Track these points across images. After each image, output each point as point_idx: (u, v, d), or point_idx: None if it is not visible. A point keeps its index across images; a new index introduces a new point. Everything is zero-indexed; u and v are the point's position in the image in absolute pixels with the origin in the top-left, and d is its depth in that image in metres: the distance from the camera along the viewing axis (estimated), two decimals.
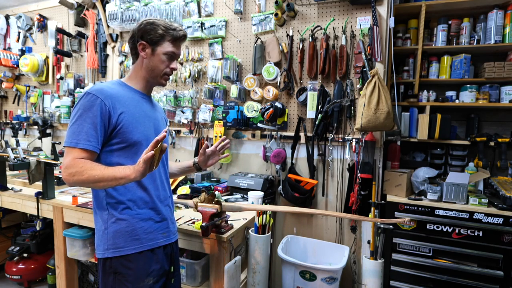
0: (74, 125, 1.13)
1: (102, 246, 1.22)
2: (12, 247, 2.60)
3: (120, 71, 2.93)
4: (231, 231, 1.66)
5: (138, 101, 1.29)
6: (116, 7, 2.69)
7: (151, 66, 1.27)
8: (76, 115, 1.14)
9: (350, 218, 2.17)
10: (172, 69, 1.31)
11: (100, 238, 1.23)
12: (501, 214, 1.86)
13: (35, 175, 2.03)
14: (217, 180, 2.46)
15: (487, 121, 2.39)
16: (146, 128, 1.27)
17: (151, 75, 1.29)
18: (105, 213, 1.22)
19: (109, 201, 1.22)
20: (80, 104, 1.15)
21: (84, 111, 1.13)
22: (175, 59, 1.33)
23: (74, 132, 1.12)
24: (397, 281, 2.08)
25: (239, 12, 2.38)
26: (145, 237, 1.24)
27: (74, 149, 1.12)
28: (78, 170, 1.08)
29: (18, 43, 3.45)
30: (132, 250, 1.21)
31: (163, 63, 1.28)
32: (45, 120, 3.10)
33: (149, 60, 1.27)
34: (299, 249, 2.22)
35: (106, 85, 1.21)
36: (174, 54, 1.30)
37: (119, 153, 1.20)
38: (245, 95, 2.44)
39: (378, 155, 2.11)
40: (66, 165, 1.10)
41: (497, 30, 2.15)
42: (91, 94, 1.14)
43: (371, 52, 1.98)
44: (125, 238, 1.21)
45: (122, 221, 1.21)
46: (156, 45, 1.26)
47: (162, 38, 1.26)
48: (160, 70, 1.29)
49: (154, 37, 1.25)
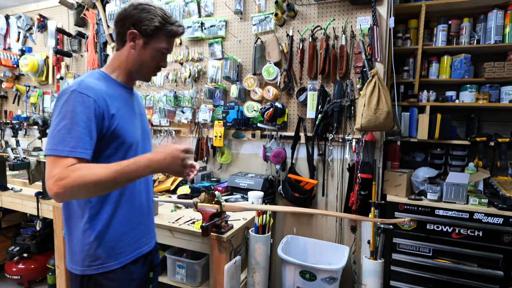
0: (63, 129, 0.94)
1: (81, 262, 1.06)
2: (12, 247, 2.60)
3: None
4: (231, 231, 1.66)
5: (126, 98, 1.15)
6: (116, 7, 2.69)
7: (140, 61, 1.11)
8: (65, 117, 0.94)
9: (350, 218, 2.17)
10: (161, 66, 1.17)
11: (76, 252, 1.07)
12: (501, 214, 1.86)
13: (35, 175, 2.04)
14: (217, 180, 2.46)
15: (487, 121, 2.39)
16: (136, 128, 1.16)
17: (137, 69, 1.13)
18: (84, 225, 1.06)
19: (90, 212, 1.06)
20: (67, 104, 0.96)
21: (74, 113, 0.95)
22: (166, 56, 1.17)
23: (63, 138, 0.93)
24: (397, 281, 2.08)
25: (239, 12, 2.38)
26: (128, 249, 1.13)
27: (65, 158, 0.92)
28: (78, 178, 0.90)
29: (18, 43, 3.45)
30: (116, 265, 1.09)
31: (153, 59, 1.12)
32: (45, 120, 3.09)
33: (138, 53, 1.10)
34: (299, 249, 2.22)
35: (92, 81, 1.03)
36: (167, 51, 1.14)
37: (110, 159, 1.05)
38: (245, 95, 2.44)
39: (378, 155, 2.11)
40: (59, 175, 0.89)
41: (497, 30, 2.15)
42: (81, 94, 0.97)
43: (371, 52, 1.98)
44: (108, 253, 1.07)
45: (103, 234, 1.07)
46: (150, 38, 1.08)
47: (158, 32, 1.08)
48: (149, 66, 1.13)
49: (149, 28, 1.07)
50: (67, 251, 1.12)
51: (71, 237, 1.09)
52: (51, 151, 0.93)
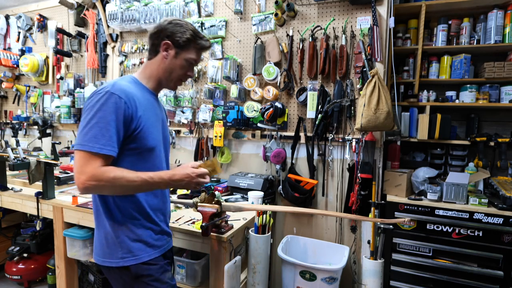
0: (95, 126, 1.02)
1: (115, 255, 1.16)
2: (12, 247, 2.60)
3: (120, 71, 2.93)
4: (231, 231, 1.66)
5: (152, 103, 1.25)
6: (116, 7, 2.69)
7: (170, 69, 1.23)
8: (96, 115, 1.03)
9: (350, 218, 2.17)
10: (188, 76, 1.28)
11: (109, 246, 1.17)
12: (501, 214, 1.86)
13: (35, 175, 2.03)
14: (217, 180, 2.46)
15: (487, 121, 2.39)
16: (159, 132, 1.25)
17: (167, 77, 1.25)
18: (115, 222, 1.16)
19: (120, 210, 1.16)
20: (100, 103, 1.04)
21: (106, 112, 1.04)
22: (194, 67, 1.30)
23: (95, 135, 1.02)
24: (397, 281, 2.08)
25: (239, 12, 2.38)
26: (157, 243, 1.24)
27: (97, 155, 1.02)
28: (109, 178, 1.01)
29: (18, 43, 3.45)
30: (147, 257, 1.19)
31: (182, 68, 1.24)
32: (45, 120, 3.10)
33: (169, 62, 1.22)
34: (299, 249, 2.22)
35: (125, 84, 1.14)
36: (195, 62, 1.27)
37: (132, 159, 1.14)
38: (245, 95, 2.44)
39: (378, 155, 2.11)
40: (92, 174, 1.00)
41: (497, 30, 2.15)
42: (115, 95, 1.06)
43: (371, 52, 1.98)
44: (138, 246, 1.18)
45: (130, 228, 1.17)
46: (181, 49, 1.21)
47: (189, 44, 1.22)
48: (178, 75, 1.25)
49: (181, 40, 1.20)
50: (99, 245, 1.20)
51: (102, 231, 1.19)
52: (83, 146, 1.02)
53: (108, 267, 1.18)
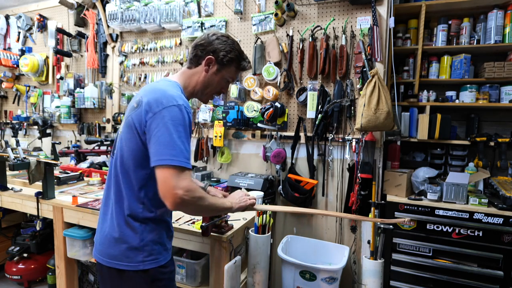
0: (178, 141, 1.01)
1: (135, 258, 1.13)
2: (12, 247, 2.60)
3: (120, 71, 2.93)
4: (231, 231, 1.66)
5: None
6: (116, 7, 2.69)
7: (208, 83, 1.23)
8: (179, 130, 1.02)
9: (350, 218, 2.17)
10: (222, 92, 1.30)
11: (131, 249, 1.13)
12: (501, 214, 1.86)
13: (35, 175, 2.03)
14: (217, 180, 2.46)
15: (487, 121, 2.39)
16: None
17: (202, 91, 1.24)
18: (142, 225, 1.13)
19: (147, 215, 1.14)
20: (178, 118, 1.03)
21: (186, 127, 1.05)
22: (229, 85, 1.32)
23: (181, 150, 1.01)
24: (397, 281, 2.08)
25: (239, 12, 2.38)
26: (169, 245, 1.25)
27: (186, 170, 1.01)
28: (201, 196, 1.03)
29: (18, 43, 3.45)
30: (165, 259, 1.19)
31: (219, 85, 1.25)
32: (45, 120, 3.10)
33: (209, 77, 1.22)
34: (299, 249, 2.22)
35: (183, 96, 1.13)
36: (232, 80, 1.28)
37: None
38: (245, 95, 2.44)
39: (378, 155, 2.11)
40: (189, 188, 0.99)
41: (497, 30, 2.15)
42: (187, 110, 1.07)
43: (371, 52, 1.98)
44: (158, 249, 1.17)
45: (155, 232, 1.16)
46: (223, 67, 1.22)
47: (231, 63, 1.22)
48: (213, 90, 1.26)
49: (225, 59, 1.20)
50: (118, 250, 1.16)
51: (126, 236, 1.14)
52: (173, 161, 0.99)
53: (123, 270, 1.13)
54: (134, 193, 1.12)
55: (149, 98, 1.07)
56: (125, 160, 1.12)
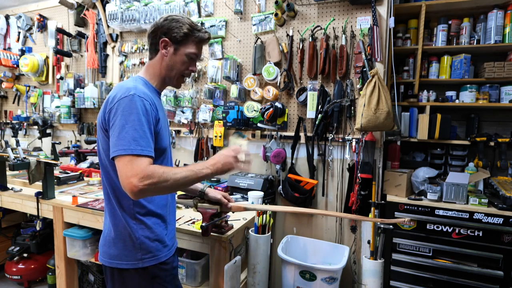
0: (131, 130, 1.00)
1: (133, 256, 1.14)
2: (12, 247, 2.60)
3: (120, 71, 2.93)
4: (231, 231, 1.66)
5: (160, 103, 1.24)
6: (116, 7, 2.69)
7: (171, 66, 1.20)
8: (131, 119, 1.01)
9: (350, 218, 2.17)
10: (191, 71, 1.25)
11: (127, 247, 1.15)
12: (501, 214, 1.86)
13: (35, 175, 2.03)
14: (217, 180, 2.46)
15: (487, 121, 2.39)
16: (168, 133, 1.26)
17: (168, 75, 1.22)
18: (134, 222, 1.14)
19: (138, 211, 1.14)
20: (130, 106, 1.02)
21: (139, 115, 1.02)
22: (196, 61, 1.27)
23: (133, 137, 0.99)
24: (397, 281, 2.08)
25: (239, 12, 2.38)
26: (170, 242, 1.24)
27: (141, 157, 0.99)
28: (160, 178, 0.97)
29: (18, 43, 3.45)
30: (165, 256, 1.20)
31: (183, 64, 1.22)
32: (45, 120, 3.10)
33: (169, 59, 1.20)
34: (299, 249, 2.22)
35: (142, 87, 1.12)
36: (196, 56, 1.24)
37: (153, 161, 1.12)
38: (245, 95, 2.44)
39: (378, 155, 2.11)
40: (144, 174, 0.95)
41: (497, 30, 2.15)
42: (141, 98, 1.05)
43: (371, 52, 1.98)
44: (156, 246, 1.17)
45: (149, 228, 1.16)
46: (180, 45, 1.19)
47: (187, 38, 1.19)
48: (179, 71, 1.23)
49: (179, 35, 1.17)
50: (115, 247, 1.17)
51: (119, 233, 1.16)
52: (125, 150, 0.98)
53: (123, 269, 1.14)
54: (120, 191, 1.12)
55: (108, 96, 1.10)
56: (103, 161, 1.14)
